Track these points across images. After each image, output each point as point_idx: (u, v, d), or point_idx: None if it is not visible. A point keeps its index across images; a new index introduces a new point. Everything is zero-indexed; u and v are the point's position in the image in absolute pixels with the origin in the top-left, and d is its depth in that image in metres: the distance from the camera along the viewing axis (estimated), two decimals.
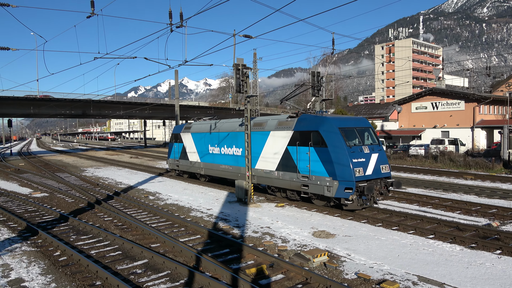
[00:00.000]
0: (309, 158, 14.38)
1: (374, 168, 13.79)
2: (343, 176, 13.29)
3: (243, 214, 14.18)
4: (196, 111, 68.84)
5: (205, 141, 21.58)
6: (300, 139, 14.92)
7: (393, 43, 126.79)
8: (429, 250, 9.85)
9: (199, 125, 22.73)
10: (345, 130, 13.92)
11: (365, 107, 74.88)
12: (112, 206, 15.55)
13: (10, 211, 15.30)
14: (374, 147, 14.19)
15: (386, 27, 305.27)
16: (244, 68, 15.93)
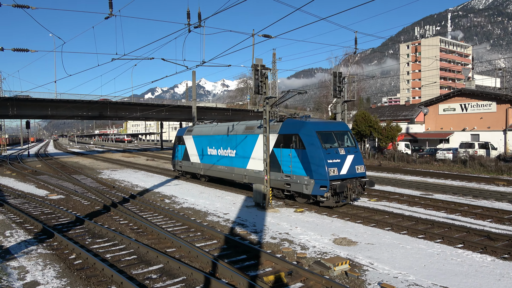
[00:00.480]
0: (291, 159, 16.31)
1: (349, 168, 15.61)
2: (319, 175, 15.13)
3: (261, 219, 14.16)
4: (213, 113, 69.32)
5: (204, 143, 23.66)
6: (283, 141, 16.81)
7: (419, 41, 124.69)
8: (457, 260, 9.58)
9: (200, 128, 24.92)
10: (322, 133, 15.77)
11: (389, 108, 73.77)
12: (128, 209, 15.78)
13: (27, 213, 15.72)
14: (350, 149, 16.04)
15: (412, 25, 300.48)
16: (263, 69, 15.94)
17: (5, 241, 11.61)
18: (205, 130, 24.01)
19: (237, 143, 20.33)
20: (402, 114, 63.67)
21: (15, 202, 18.56)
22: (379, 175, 27.65)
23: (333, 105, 50.62)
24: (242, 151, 19.94)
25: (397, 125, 42.03)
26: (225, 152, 21.44)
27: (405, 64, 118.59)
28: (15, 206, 17.19)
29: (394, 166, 34.53)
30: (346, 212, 15.07)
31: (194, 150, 24.80)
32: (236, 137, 20.49)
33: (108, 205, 16.62)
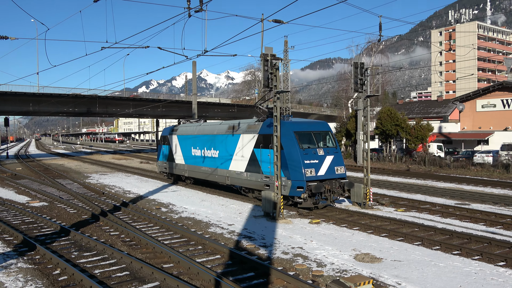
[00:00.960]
0: (270, 160, 17.72)
1: (328, 169, 16.95)
2: (295, 176, 16.57)
3: (271, 232, 14.15)
4: (216, 109, 69.48)
5: (189, 143, 25.15)
6: (263, 142, 18.32)
7: (454, 27, 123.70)
8: (498, 281, 9.48)
9: (185, 127, 26.42)
10: (301, 133, 17.21)
11: (419, 104, 73.43)
12: (119, 218, 15.88)
13: (5, 222, 15.89)
14: (330, 150, 17.44)
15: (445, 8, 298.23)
16: (274, 59, 15.94)
17: None
18: (189, 129, 25.59)
19: (220, 144, 21.82)
20: (433, 111, 63.31)
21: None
22: (407, 182, 27.49)
23: (354, 101, 50.50)
24: (224, 152, 21.36)
25: (428, 123, 41.75)
26: (208, 152, 22.89)
27: (437, 53, 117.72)
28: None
29: (425, 171, 34.31)
30: (368, 224, 15.01)
31: (179, 151, 26.21)
32: (219, 137, 21.99)
33: (97, 213, 16.74)
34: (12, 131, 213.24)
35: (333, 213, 17.31)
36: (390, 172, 33.37)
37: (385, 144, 43.94)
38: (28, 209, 18.82)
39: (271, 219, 16.08)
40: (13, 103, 52.52)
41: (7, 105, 52.27)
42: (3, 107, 52.20)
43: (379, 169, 35.36)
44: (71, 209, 18.65)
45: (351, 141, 46.21)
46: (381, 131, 42.07)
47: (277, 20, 17.19)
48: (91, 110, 58.26)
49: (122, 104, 59.84)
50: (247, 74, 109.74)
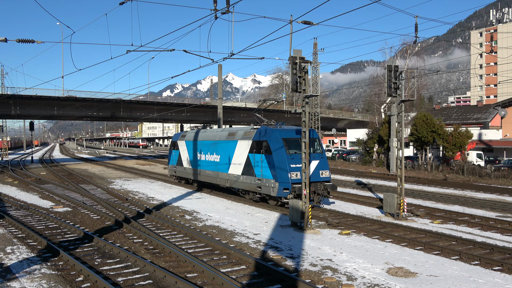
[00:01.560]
0: (261, 164, 20.17)
1: (313, 172, 19.13)
2: (282, 179, 18.85)
3: (299, 242, 14.09)
4: (242, 114, 69.81)
5: (195, 148, 27.79)
6: (256, 147, 20.74)
7: (495, 27, 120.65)
8: None
9: (192, 133, 29.24)
10: (288, 140, 19.53)
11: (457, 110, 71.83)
12: (142, 225, 16.14)
13: (30, 227, 16.40)
14: (316, 155, 19.77)
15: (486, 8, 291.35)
16: (302, 62, 15.94)
17: (6, 259, 12.14)
18: (196, 135, 28.34)
19: (221, 149, 24.42)
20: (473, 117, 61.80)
21: (17, 214, 19.41)
22: (444, 192, 26.90)
23: (387, 106, 49.84)
24: (224, 157, 23.90)
25: (467, 130, 40.75)
26: (211, 157, 25.55)
27: (478, 55, 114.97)
28: (17, 219, 17.97)
29: (463, 180, 33.49)
30: (402, 237, 14.76)
31: (186, 156, 29.17)
32: (220, 143, 24.65)
33: (120, 220, 17.06)
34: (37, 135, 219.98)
35: (364, 224, 17.12)
36: (425, 182, 32.73)
37: (420, 152, 43.13)
38: (52, 214, 19.36)
39: (298, 229, 16.02)
40: (38, 107, 54.24)
41: (32, 109, 54.02)
42: (29, 111, 53.96)
43: (413, 178, 34.74)
44: (95, 215, 19.07)
45: (383, 148, 45.58)
46: (416, 138, 41.33)
47: (307, 22, 17.18)
48: (115, 114, 59.54)
49: (146, 108, 60.87)
50: (275, 78, 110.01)
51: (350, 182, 32.25)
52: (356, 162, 50.27)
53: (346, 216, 18.63)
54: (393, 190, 26.75)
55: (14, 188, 29.38)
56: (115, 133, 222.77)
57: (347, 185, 30.67)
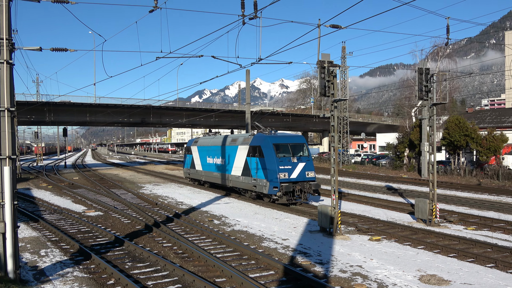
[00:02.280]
0: (256, 166, 23.35)
1: (299, 173, 22.21)
2: (272, 178, 21.98)
3: (328, 248, 13.94)
4: (270, 119, 69.86)
5: (205, 153, 31.41)
6: (252, 152, 23.90)
7: None
8: None
9: (202, 139, 33.19)
10: (278, 145, 22.69)
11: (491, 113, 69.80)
12: (172, 230, 16.31)
13: (63, 231, 16.82)
14: (303, 158, 22.71)
15: None
16: (331, 66, 15.83)
17: (40, 261, 12.48)
18: (206, 141, 32.04)
19: (225, 153, 27.59)
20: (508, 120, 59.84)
21: (50, 218, 19.95)
22: (478, 197, 26.13)
23: (418, 109, 48.90)
24: (228, 160, 27.17)
25: (502, 134, 39.52)
26: (218, 160, 28.92)
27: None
28: (51, 223, 18.47)
29: (498, 185, 32.46)
30: (435, 243, 14.41)
31: (198, 159, 32.71)
32: (225, 148, 27.83)
33: (150, 224, 17.29)
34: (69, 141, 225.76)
35: (395, 230, 16.80)
36: (458, 187, 31.88)
37: (453, 156, 42.08)
38: (84, 218, 19.80)
39: (327, 234, 15.87)
40: (71, 113, 55.79)
41: (65, 115, 55.61)
42: (62, 117, 55.56)
43: (446, 183, 33.91)
44: (125, 219, 19.40)
45: (414, 153, 44.69)
46: (448, 142, 40.35)
47: (335, 25, 17.06)
48: (145, 120, 60.56)
49: (175, 114, 61.69)
50: (302, 82, 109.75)
51: (380, 187, 31.75)
52: (386, 167, 49.46)
53: (376, 222, 18.33)
54: (424, 195, 26.17)
55: (48, 193, 30.22)
56: (145, 139, 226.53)
57: (377, 190, 30.20)
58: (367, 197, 26.18)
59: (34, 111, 49.96)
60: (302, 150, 23.16)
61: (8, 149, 9.99)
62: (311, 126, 75.40)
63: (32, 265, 12.09)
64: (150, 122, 61.75)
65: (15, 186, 10.15)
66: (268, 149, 22.53)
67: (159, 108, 59.82)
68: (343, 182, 35.49)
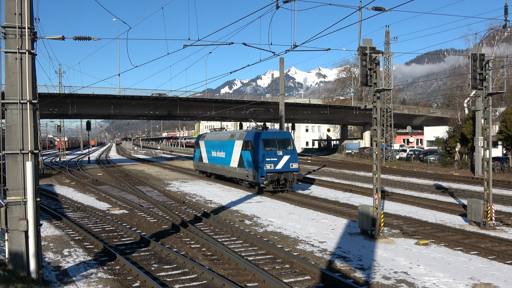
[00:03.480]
0: (247, 158, 28.87)
1: (284, 164, 27.53)
2: (259, 169, 27.26)
3: (369, 252, 13.79)
4: (305, 111, 69.51)
5: (210, 147, 37.53)
6: (245, 146, 29.41)
7: None
8: None
9: (209, 134, 39.90)
10: (266, 140, 27.95)
11: None
12: (200, 230, 16.50)
13: (86, 230, 17.30)
14: (288, 151, 27.94)
15: None
16: (373, 52, 15.59)
17: (63, 261, 12.87)
18: (211, 136, 38.61)
19: (226, 147, 33.39)
20: None
21: (74, 216, 20.54)
22: None
23: (471, 100, 47.55)
24: (228, 153, 32.84)
25: None
26: (220, 154, 34.75)
27: None
28: (74, 221, 19.02)
29: None
30: (490, 248, 14.02)
31: (205, 153, 38.94)
32: (226, 142, 33.67)
33: (177, 224, 17.55)
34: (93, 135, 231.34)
35: (445, 234, 16.45)
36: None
37: (511, 152, 40.75)
38: (109, 216, 20.28)
39: (369, 237, 15.69)
40: (95, 106, 57.06)
41: (89, 108, 56.90)
42: (85, 110, 56.89)
43: (503, 182, 32.90)
44: (151, 218, 19.76)
45: (467, 148, 43.51)
46: (505, 136, 39.08)
47: (378, 8, 16.74)
48: (172, 113, 61.32)
49: (204, 106, 62.17)
50: (341, 71, 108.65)
51: (428, 186, 31.12)
52: (435, 164, 48.40)
53: (423, 224, 17.99)
54: (478, 195, 25.48)
55: (71, 189, 31.11)
56: (172, 133, 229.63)
57: (424, 190, 29.61)
58: (414, 196, 25.72)
59: (57, 103, 51.40)
60: (288, 145, 28.45)
61: (30, 144, 10.32)
62: (351, 118, 74.49)
63: (55, 265, 12.48)
64: (177, 114, 62.43)
65: (37, 182, 10.49)
66: (257, 143, 27.86)
67: (186, 100, 60.40)
68: (386, 180, 34.99)
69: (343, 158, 70.04)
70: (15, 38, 10.19)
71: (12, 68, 10.21)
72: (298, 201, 24.23)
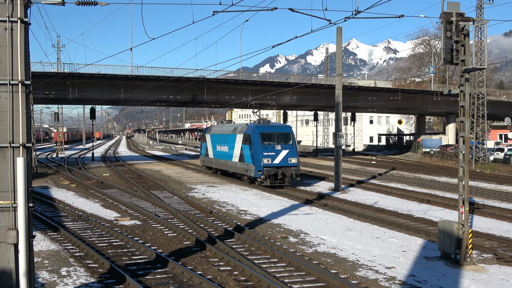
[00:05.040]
0: (246, 152, 34.93)
1: (282, 159, 33.54)
2: (257, 163, 33.38)
3: (452, 283, 13.60)
4: (370, 96, 68.70)
5: (215, 141, 44.53)
6: (245, 140, 35.66)
7: None
8: None
9: (215, 127, 47.59)
10: (264, 134, 34.36)
11: None
12: (231, 248, 16.60)
13: (89, 244, 17.71)
14: (287, 146, 34.12)
15: None
16: (461, 20, 15.28)
17: (61, 283, 13.24)
18: (216, 129, 46.37)
19: (228, 141, 40.10)
20: None
21: (74, 226, 21.08)
22: None
23: None
24: (230, 148, 39.44)
25: None
26: (224, 148, 41.43)
27: None
28: (74, 233, 19.50)
29: None
30: None
31: (211, 147, 45.96)
32: (228, 136, 40.34)
33: (202, 240, 17.73)
34: (98, 125, 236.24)
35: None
36: None
37: None
38: (117, 228, 20.71)
39: (452, 263, 15.45)
40: (101, 88, 57.82)
41: (93, 91, 57.71)
42: (89, 93, 57.68)
43: None
44: (170, 232, 20.04)
45: None
46: None
47: None
48: (197, 97, 61.64)
49: (238, 89, 62.25)
50: (418, 45, 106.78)
51: None
52: None
53: None
54: None
55: (71, 193, 31.94)
56: (197, 123, 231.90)
57: None
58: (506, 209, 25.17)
59: (54, 85, 52.54)
60: (288, 139, 34.96)
61: (22, 135, 10.40)
62: (430, 107, 73.21)
63: None
64: (204, 100, 62.62)
65: (30, 183, 10.63)
66: (256, 137, 34.27)
67: (215, 82, 60.61)
68: (476, 189, 34.29)
69: (419, 159, 69.12)
70: (5, 3, 10.29)
71: (1, 40, 10.24)
72: (359, 214, 24.05)
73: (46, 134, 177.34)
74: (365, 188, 35.30)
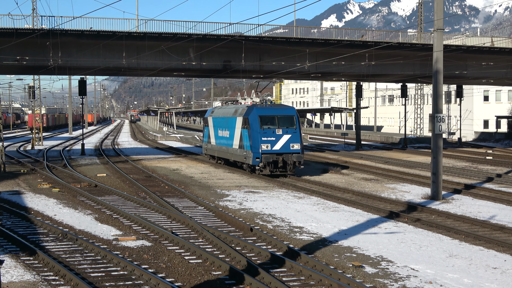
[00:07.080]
0: (245, 137, 44.17)
1: (283, 145, 42.58)
2: (254, 149, 42.63)
3: None
4: (483, 61, 67.34)
5: (216, 125, 52.83)
6: (244, 123, 44.65)
7: None
8: None
9: (218, 109, 55.93)
10: (264, 117, 43.57)
11: None
12: (281, 282, 16.56)
13: (78, 274, 17.77)
14: (289, 130, 43.07)
15: None
16: None
17: None
18: (219, 112, 54.52)
19: (229, 125, 48.09)
20: None
21: (57, 248, 21.22)
22: None
23: None
24: (230, 133, 47.24)
25: None
26: (225, 133, 49.46)
27: None
28: (58, 258, 19.59)
29: None
30: None
31: (213, 132, 54.76)
32: (229, 119, 48.16)
33: (239, 269, 17.70)
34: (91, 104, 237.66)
35: None
36: None
37: None
38: (117, 251, 20.79)
39: None
40: (94, 52, 57.54)
41: (84, 55, 57.68)
42: (77, 60, 57.67)
43: None
44: (193, 257, 20.02)
45: None
46: None
47: None
48: (230, 64, 61.29)
49: (290, 51, 61.46)
50: None
51: None
52: None
53: None
54: None
55: (52, 201, 32.23)
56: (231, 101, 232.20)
57: None
58: None
59: (28, 46, 53.08)
60: (291, 123, 43.17)
61: None
62: None
63: None
64: (241, 68, 61.97)
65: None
66: (254, 120, 42.30)
67: (257, 41, 59.87)
68: None
69: None
70: None
71: None
72: (467, 234, 23.69)
73: (17, 117, 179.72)
74: (477, 195, 34.70)
